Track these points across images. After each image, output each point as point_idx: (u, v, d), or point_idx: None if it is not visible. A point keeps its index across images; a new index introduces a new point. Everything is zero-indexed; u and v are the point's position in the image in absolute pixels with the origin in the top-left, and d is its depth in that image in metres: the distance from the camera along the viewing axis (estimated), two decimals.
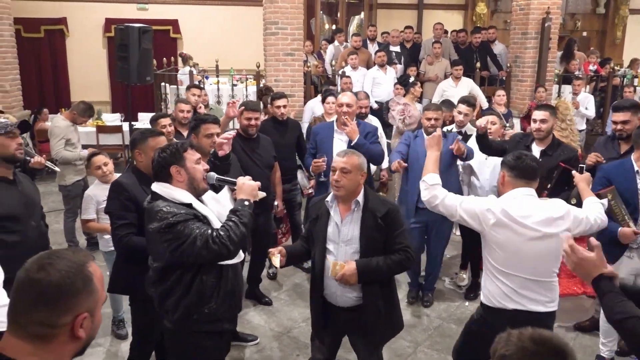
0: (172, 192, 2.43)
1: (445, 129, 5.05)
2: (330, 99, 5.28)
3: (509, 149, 4.08)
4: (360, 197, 2.78)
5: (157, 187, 2.47)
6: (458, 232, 5.45)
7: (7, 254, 2.58)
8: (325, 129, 4.53)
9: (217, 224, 2.45)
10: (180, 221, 2.31)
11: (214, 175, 2.62)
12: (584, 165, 3.51)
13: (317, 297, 2.90)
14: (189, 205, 2.42)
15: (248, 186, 2.53)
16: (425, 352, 3.92)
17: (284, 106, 4.91)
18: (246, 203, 2.48)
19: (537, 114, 4.02)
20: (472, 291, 4.74)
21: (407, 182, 4.39)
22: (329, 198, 2.84)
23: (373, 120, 5.50)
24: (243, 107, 4.29)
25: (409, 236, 2.92)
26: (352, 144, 4.14)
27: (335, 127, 4.43)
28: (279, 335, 4.08)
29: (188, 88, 6.10)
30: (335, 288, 2.81)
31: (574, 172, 3.27)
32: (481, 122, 4.33)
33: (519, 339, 1.38)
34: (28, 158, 3.88)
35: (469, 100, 5.06)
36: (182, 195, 2.44)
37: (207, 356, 2.57)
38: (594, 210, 2.83)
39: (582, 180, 3.13)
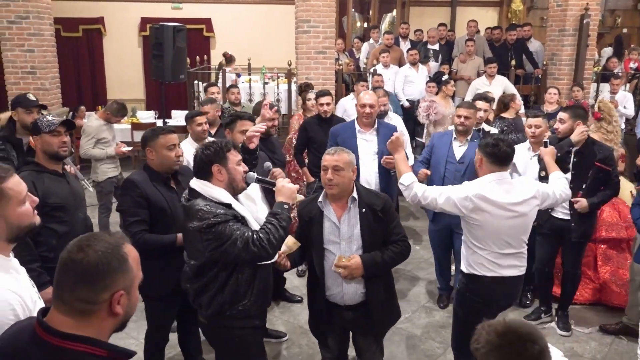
0: (212, 190, 2.45)
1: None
2: (310, 95, 5.34)
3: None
4: (355, 193, 2.76)
5: (196, 183, 2.49)
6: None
7: (57, 244, 2.71)
8: (346, 130, 4.37)
9: (254, 225, 2.47)
10: (221, 222, 2.33)
11: (253, 175, 2.63)
12: (547, 140, 3.70)
13: (319, 299, 2.86)
14: (228, 206, 2.43)
15: (288, 189, 2.54)
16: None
17: (328, 104, 4.94)
18: (285, 206, 2.49)
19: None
20: None
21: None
22: (320, 198, 2.78)
23: (394, 118, 5.39)
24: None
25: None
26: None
27: (358, 127, 4.30)
28: (307, 332, 4.08)
29: (229, 88, 6.25)
30: (339, 287, 2.78)
31: (541, 148, 3.59)
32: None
33: (488, 332, 1.49)
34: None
35: (485, 97, 5.06)
36: (221, 194, 2.45)
37: (246, 346, 2.60)
38: (559, 185, 3.16)
39: (547, 154, 3.48)
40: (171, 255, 2.94)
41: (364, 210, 2.73)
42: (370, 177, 4.24)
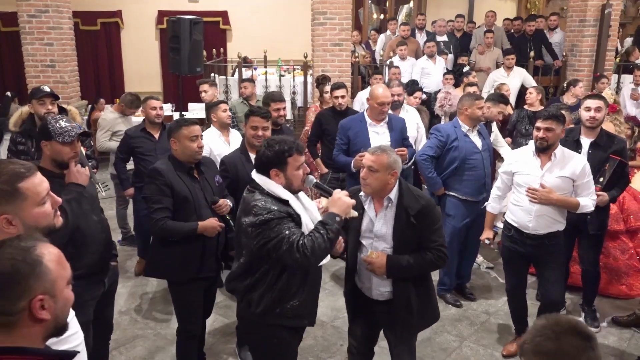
0: (271, 186, 2.44)
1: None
2: (327, 88, 5.31)
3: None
4: (393, 194, 2.71)
5: (258, 177, 2.48)
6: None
7: (74, 251, 2.55)
8: (357, 122, 4.34)
9: (308, 224, 2.45)
10: (273, 219, 2.32)
11: (312, 180, 2.60)
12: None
13: (350, 289, 2.92)
14: (286, 202, 2.42)
15: (343, 202, 2.45)
16: (470, 346, 3.86)
17: (342, 96, 4.96)
18: (337, 219, 2.40)
19: (592, 103, 3.80)
20: None
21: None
22: (362, 192, 2.79)
23: (410, 110, 5.35)
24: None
25: (443, 233, 2.84)
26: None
27: (369, 121, 4.29)
28: (322, 324, 4.11)
29: (241, 82, 6.28)
30: (369, 282, 2.80)
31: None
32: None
33: (534, 327, 1.49)
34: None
35: (502, 97, 5.20)
36: (280, 190, 2.44)
37: (282, 348, 2.60)
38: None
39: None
40: (192, 242, 3.07)
41: (400, 211, 2.70)
42: None
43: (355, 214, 2.56)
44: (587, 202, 3.40)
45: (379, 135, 4.26)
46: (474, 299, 4.49)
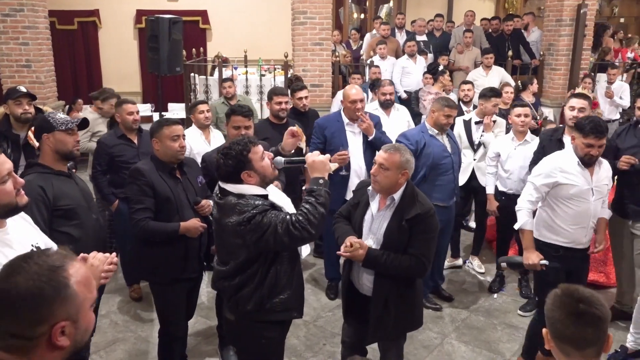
0: (247, 190, 2.40)
1: (461, 119, 5.01)
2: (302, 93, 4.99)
3: (543, 146, 4.01)
4: (397, 195, 2.73)
5: (229, 187, 2.41)
6: (472, 224, 5.52)
7: (75, 248, 2.53)
8: (333, 122, 4.32)
9: (292, 211, 2.46)
10: (260, 212, 2.31)
11: (281, 160, 2.60)
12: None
13: (345, 280, 2.96)
14: (265, 197, 2.41)
15: (319, 162, 2.44)
16: (452, 343, 3.90)
17: (305, 97, 4.96)
18: (321, 181, 2.40)
19: (577, 102, 3.88)
20: (496, 284, 4.73)
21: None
22: (370, 187, 2.82)
23: (401, 109, 5.41)
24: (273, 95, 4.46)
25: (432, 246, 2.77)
26: (369, 139, 4.17)
27: (346, 121, 4.28)
28: (305, 323, 4.11)
29: (222, 82, 6.23)
30: (357, 273, 2.85)
31: None
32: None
33: (558, 291, 1.63)
34: None
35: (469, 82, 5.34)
36: (256, 190, 2.42)
37: (270, 347, 2.60)
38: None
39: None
40: (174, 243, 3.05)
41: (396, 214, 2.72)
42: (360, 170, 4.28)
43: (335, 165, 2.59)
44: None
45: (355, 134, 4.28)
46: (452, 299, 4.52)
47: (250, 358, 2.65)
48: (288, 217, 2.32)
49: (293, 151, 3.28)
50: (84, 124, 2.88)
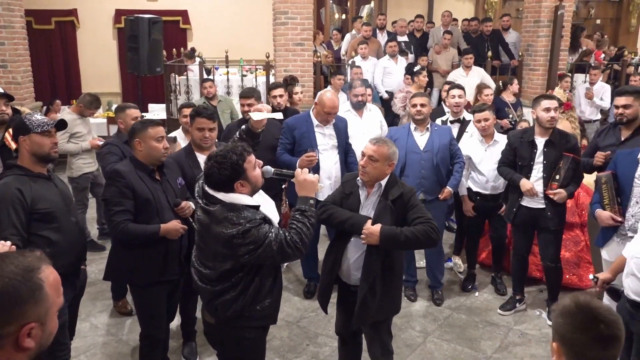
0: (239, 200, 2.36)
1: (439, 119, 5.03)
2: (297, 89, 5.20)
3: (514, 148, 4.06)
4: (383, 181, 2.89)
5: (221, 195, 2.37)
6: (453, 224, 5.57)
7: (52, 252, 2.50)
8: (302, 122, 4.30)
9: (276, 216, 2.50)
10: (255, 226, 2.29)
11: (271, 169, 2.59)
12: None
13: (328, 270, 2.99)
14: (256, 207, 2.39)
15: (310, 182, 2.47)
16: (434, 342, 3.92)
17: (280, 96, 4.98)
18: (312, 202, 2.44)
19: (551, 103, 3.92)
20: (470, 282, 4.76)
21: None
22: (359, 178, 2.94)
23: (373, 109, 5.30)
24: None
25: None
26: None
27: (316, 122, 4.28)
28: (288, 324, 4.10)
29: (202, 82, 6.18)
30: (347, 266, 2.93)
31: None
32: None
33: (569, 299, 1.59)
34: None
35: (458, 86, 5.19)
36: (247, 199, 2.38)
37: (252, 348, 2.59)
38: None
39: None
40: (154, 245, 3.01)
41: (382, 198, 2.87)
42: (330, 170, 4.30)
43: (322, 185, 2.68)
44: None
45: (324, 136, 4.30)
46: (440, 303, 4.48)
47: (231, 358, 2.65)
48: (281, 234, 2.33)
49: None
50: (61, 125, 2.83)
